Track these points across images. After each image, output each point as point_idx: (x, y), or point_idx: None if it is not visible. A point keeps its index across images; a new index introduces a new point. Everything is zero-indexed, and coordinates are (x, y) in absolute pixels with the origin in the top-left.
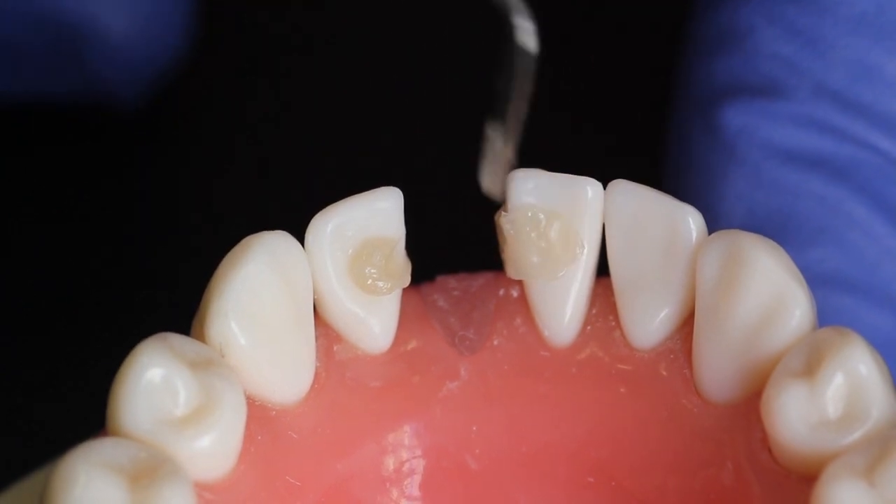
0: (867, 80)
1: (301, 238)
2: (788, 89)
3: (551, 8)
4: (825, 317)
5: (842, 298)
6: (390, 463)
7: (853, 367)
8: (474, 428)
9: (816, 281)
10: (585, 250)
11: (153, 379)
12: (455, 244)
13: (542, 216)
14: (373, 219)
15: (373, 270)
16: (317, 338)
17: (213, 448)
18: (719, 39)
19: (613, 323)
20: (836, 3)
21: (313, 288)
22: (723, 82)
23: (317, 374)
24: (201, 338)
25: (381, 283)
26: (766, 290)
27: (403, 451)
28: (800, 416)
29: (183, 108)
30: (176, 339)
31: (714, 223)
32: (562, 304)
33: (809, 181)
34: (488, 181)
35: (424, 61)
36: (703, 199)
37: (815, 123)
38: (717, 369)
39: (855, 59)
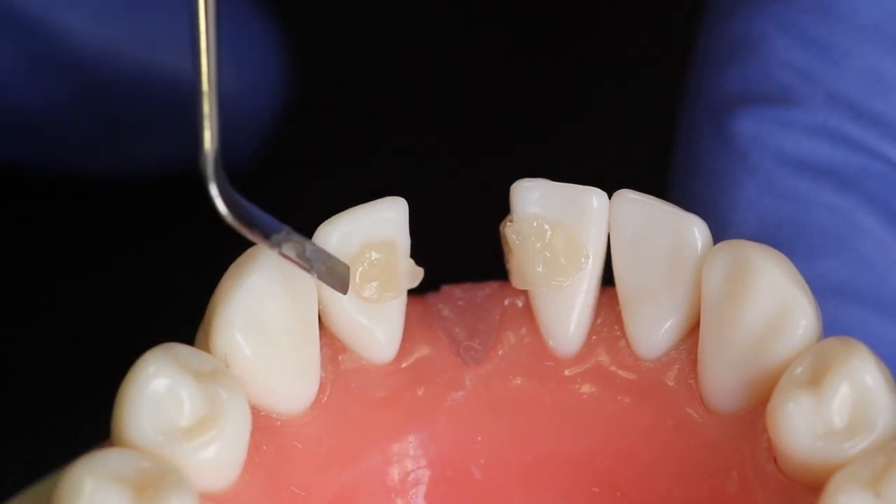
0: (880, 89)
1: None
2: (801, 98)
3: (558, 15)
4: (834, 327)
5: (851, 308)
6: (395, 473)
7: (859, 377)
8: (479, 438)
9: (826, 291)
10: (590, 260)
11: (158, 389)
12: (460, 254)
13: (547, 226)
14: (378, 228)
15: (373, 284)
16: (322, 348)
17: (217, 458)
18: (732, 47)
19: (619, 333)
20: (850, 13)
21: (318, 298)
22: (735, 90)
23: (322, 384)
24: (206, 348)
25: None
26: (771, 301)
27: (408, 462)
28: (805, 426)
29: None
30: (181, 350)
31: (725, 231)
32: (567, 314)
33: (820, 190)
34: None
35: (431, 71)
36: (714, 206)
37: (827, 132)
38: (723, 379)
39: (868, 69)
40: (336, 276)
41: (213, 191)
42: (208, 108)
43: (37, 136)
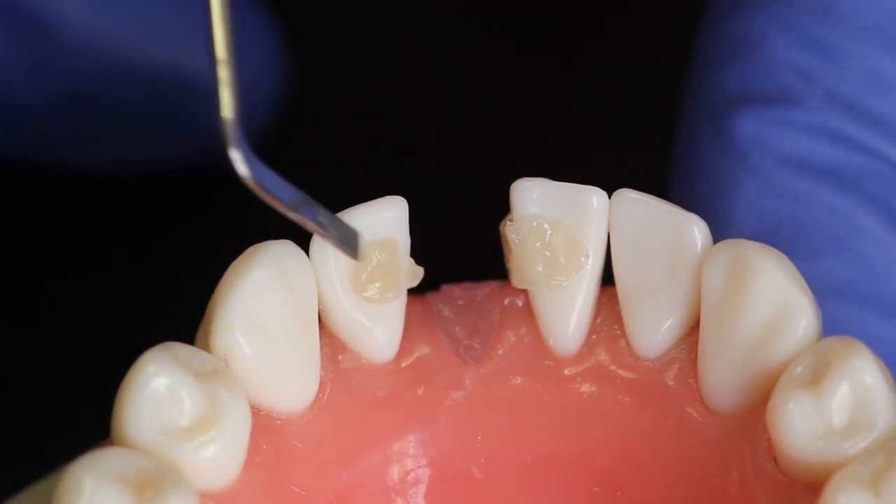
0: (880, 89)
1: (306, 247)
2: (801, 98)
3: (558, 15)
4: (834, 327)
5: (851, 309)
6: (395, 472)
7: (858, 376)
8: (479, 437)
9: (826, 291)
10: (590, 259)
11: (158, 389)
12: (460, 253)
13: (546, 226)
14: (378, 228)
15: (376, 285)
16: (322, 347)
17: (217, 458)
18: (732, 47)
19: (618, 332)
20: (851, 13)
21: (318, 297)
22: (735, 90)
23: (322, 384)
24: (206, 347)
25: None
26: (771, 300)
27: (408, 461)
28: (805, 425)
29: None
30: (181, 349)
31: (725, 231)
32: (567, 314)
33: (820, 190)
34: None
35: (431, 71)
36: (713, 206)
37: (827, 132)
38: (723, 379)
39: (869, 69)
40: (348, 242)
41: (234, 154)
42: (226, 73)
43: (35, 133)
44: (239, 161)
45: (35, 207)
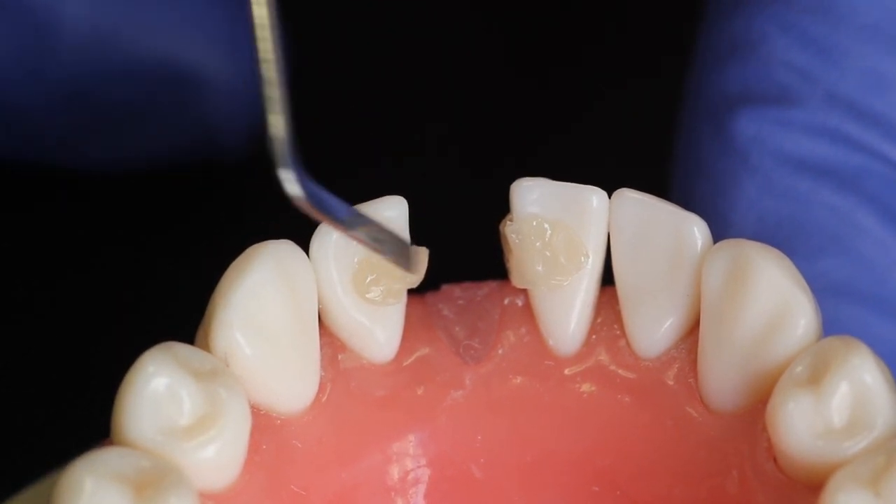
0: (880, 89)
1: (306, 247)
2: (801, 98)
3: (558, 16)
4: (834, 326)
5: (850, 308)
6: (395, 472)
7: (858, 376)
8: (479, 437)
9: (826, 291)
10: (590, 259)
11: (158, 388)
12: (460, 253)
13: (546, 225)
14: None
15: (379, 288)
16: (321, 347)
17: (217, 457)
18: (732, 47)
19: (618, 332)
20: (851, 13)
21: (318, 297)
22: (735, 90)
23: (322, 384)
24: (206, 347)
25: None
26: (770, 300)
27: (408, 461)
28: (805, 425)
29: None
30: (181, 349)
31: (725, 231)
32: (567, 313)
33: (820, 190)
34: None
35: (432, 71)
36: (714, 206)
37: (827, 132)
38: (723, 378)
39: (868, 69)
40: (403, 255)
41: (285, 174)
42: (276, 93)
43: (34, 131)
44: (290, 181)
45: (34, 207)
